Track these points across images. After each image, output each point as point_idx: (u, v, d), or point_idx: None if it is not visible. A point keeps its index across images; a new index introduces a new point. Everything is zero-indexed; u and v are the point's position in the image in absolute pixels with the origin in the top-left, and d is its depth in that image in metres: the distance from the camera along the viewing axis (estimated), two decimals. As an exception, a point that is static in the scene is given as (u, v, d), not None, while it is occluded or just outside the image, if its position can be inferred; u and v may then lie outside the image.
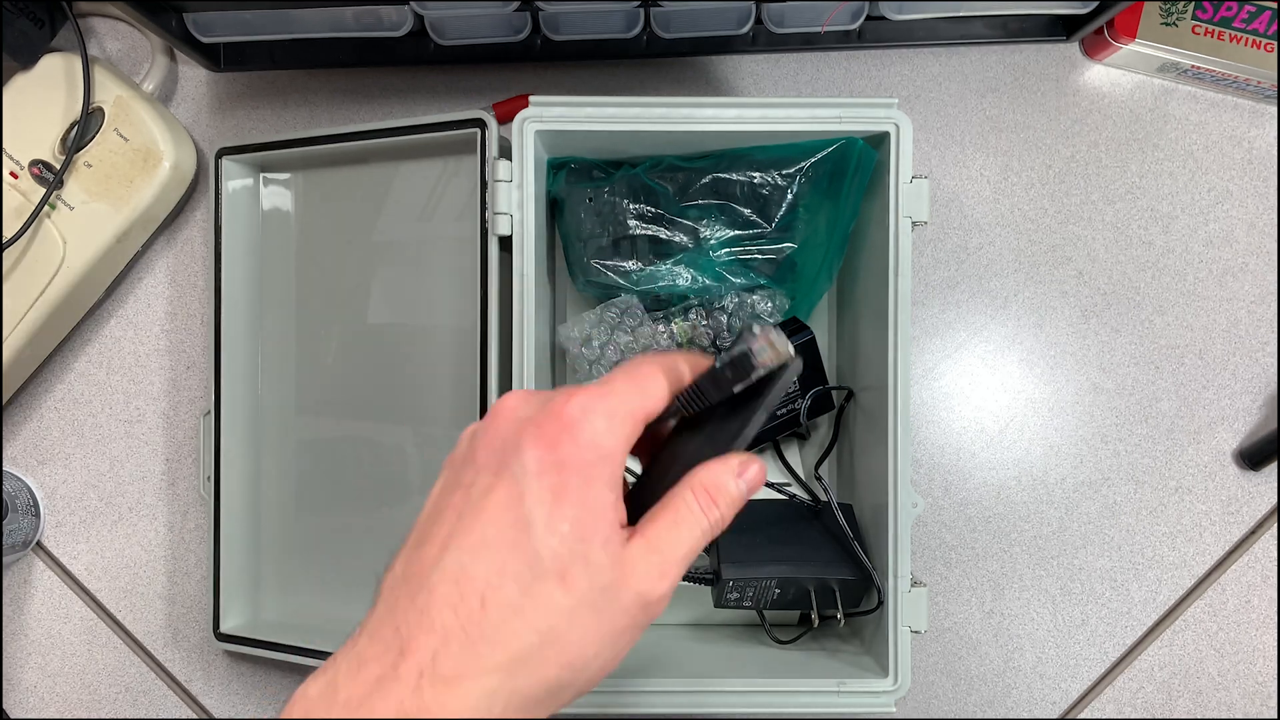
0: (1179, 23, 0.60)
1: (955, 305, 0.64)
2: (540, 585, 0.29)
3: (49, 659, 0.65)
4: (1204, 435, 0.63)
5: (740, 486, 0.33)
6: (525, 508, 0.30)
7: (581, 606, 0.29)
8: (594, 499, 0.30)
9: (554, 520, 0.30)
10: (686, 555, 0.32)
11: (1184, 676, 0.63)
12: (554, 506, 0.30)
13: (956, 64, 0.64)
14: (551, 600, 0.29)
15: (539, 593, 0.29)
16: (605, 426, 0.31)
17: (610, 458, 0.31)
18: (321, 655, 0.58)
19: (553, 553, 0.29)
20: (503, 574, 0.29)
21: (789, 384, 0.34)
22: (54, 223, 0.59)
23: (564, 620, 0.29)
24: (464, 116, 0.53)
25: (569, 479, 0.30)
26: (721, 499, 0.33)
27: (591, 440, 0.31)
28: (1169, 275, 0.63)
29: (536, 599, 0.29)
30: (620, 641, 0.31)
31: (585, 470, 0.30)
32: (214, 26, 0.57)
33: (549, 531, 0.29)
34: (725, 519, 0.33)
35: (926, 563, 0.63)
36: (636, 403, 0.32)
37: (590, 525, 0.30)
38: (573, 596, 0.29)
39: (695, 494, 0.32)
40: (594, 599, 0.30)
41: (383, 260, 0.60)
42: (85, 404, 0.65)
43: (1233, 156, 0.63)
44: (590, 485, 0.30)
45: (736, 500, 0.33)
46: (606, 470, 0.31)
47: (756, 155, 0.55)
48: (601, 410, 0.31)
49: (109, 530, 0.65)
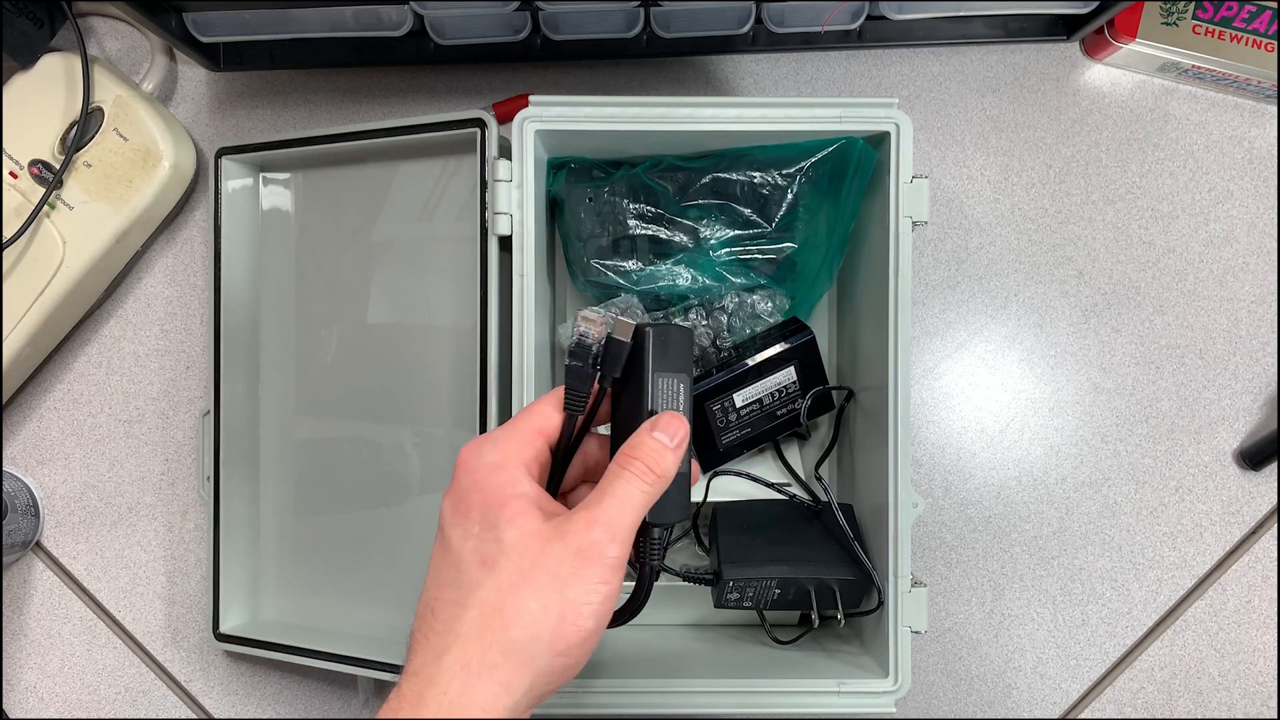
0: (1179, 22, 0.60)
1: (955, 305, 0.63)
2: (466, 576, 0.35)
3: (48, 659, 0.65)
4: (1204, 435, 0.63)
5: (656, 439, 0.38)
6: (444, 533, 0.37)
7: (508, 576, 0.35)
8: (493, 498, 0.36)
9: (466, 530, 0.36)
10: (624, 508, 0.36)
11: (1184, 677, 0.63)
12: (461, 520, 0.37)
13: (957, 64, 0.64)
14: (477, 583, 0.35)
15: (467, 582, 0.35)
16: (490, 449, 0.38)
17: (501, 466, 0.37)
18: (321, 655, 0.58)
19: (470, 550, 0.36)
20: (441, 584, 0.36)
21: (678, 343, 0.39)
22: (53, 223, 0.59)
23: (494, 593, 0.35)
24: (464, 116, 0.53)
25: (469, 496, 0.37)
26: (641, 453, 0.37)
27: (478, 464, 0.37)
28: (1169, 275, 0.63)
29: (467, 588, 0.35)
30: (569, 592, 0.35)
31: (480, 484, 0.37)
32: (213, 26, 0.57)
33: (463, 537, 0.36)
34: (656, 468, 0.37)
35: (927, 563, 0.63)
36: (520, 425, 0.39)
37: (494, 516, 0.36)
38: (497, 573, 0.35)
39: (618, 461, 0.37)
40: (519, 565, 0.35)
41: (382, 260, 0.60)
42: (85, 404, 0.65)
43: (1233, 156, 0.63)
44: (486, 491, 0.37)
45: (658, 450, 0.38)
46: (501, 476, 0.37)
47: (756, 155, 0.55)
48: (484, 442, 0.38)
49: (108, 530, 0.65)
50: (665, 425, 0.38)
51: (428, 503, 0.59)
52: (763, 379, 0.57)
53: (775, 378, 0.57)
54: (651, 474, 0.37)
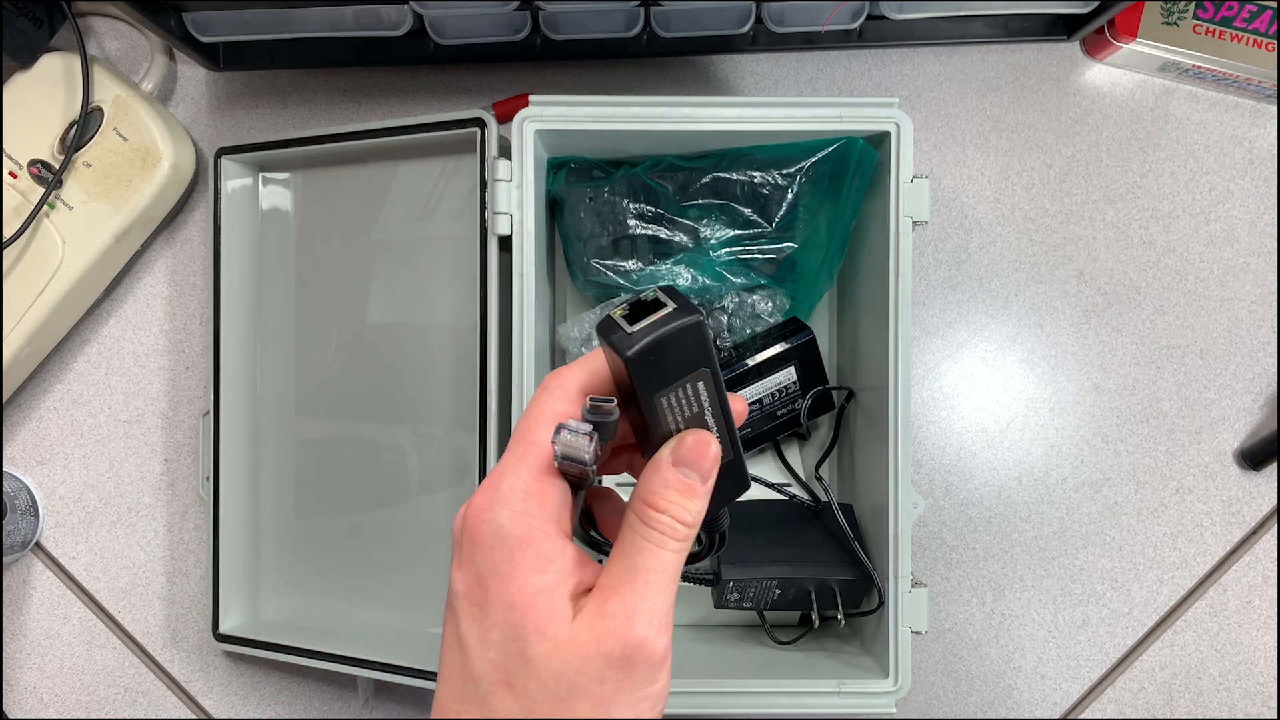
0: (1180, 22, 0.60)
1: (956, 305, 0.63)
2: (493, 700, 0.29)
3: (48, 659, 0.65)
4: (1205, 435, 0.63)
5: (679, 478, 0.31)
6: (460, 632, 0.30)
7: (539, 703, 0.29)
8: (518, 594, 0.29)
9: (485, 634, 0.30)
10: (660, 584, 0.30)
11: (1185, 677, 0.63)
12: (479, 616, 0.30)
13: (957, 63, 0.64)
14: (505, 709, 0.29)
15: (495, 707, 0.29)
16: (507, 517, 0.30)
17: (524, 542, 0.30)
18: (321, 656, 0.58)
19: (492, 665, 0.29)
20: (460, 696, 0.30)
21: (679, 348, 0.30)
22: (53, 222, 0.59)
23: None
24: (463, 116, 0.53)
25: (488, 587, 0.30)
26: (662, 502, 0.30)
27: (495, 539, 0.30)
28: (1170, 275, 0.63)
29: (493, 714, 0.29)
30: (615, 710, 0.29)
31: (499, 570, 0.30)
32: (213, 26, 0.57)
33: (483, 647, 0.30)
34: (685, 518, 0.30)
35: (927, 563, 0.63)
36: (530, 467, 0.31)
37: (521, 623, 0.29)
38: (526, 698, 0.29)
39: (640, 517, 0.30)
40: (554, 691, 0.29)
41: (382, 260, 0.60)
42: (84, 404, 0.65)
43: (1234, 156, 0.63)
44: (510, 582, 0.29)
45: (682, 494, 0.31)
46: (525, 557, 0.30)
47: (757, 155, 0.55)
48: (495, 503, 0.30)
49: (108, 531, 0.65)
50: (688, 455, 0.31)
51: (427, 503, 0.59)
52: (763, 379, 0.57)
53: (775, 378, 0.57)
54: (681, 529, 0.30)
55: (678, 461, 0.31)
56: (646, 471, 0.31)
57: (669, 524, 0.30)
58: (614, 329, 0.29)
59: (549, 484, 0.31)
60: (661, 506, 0.30)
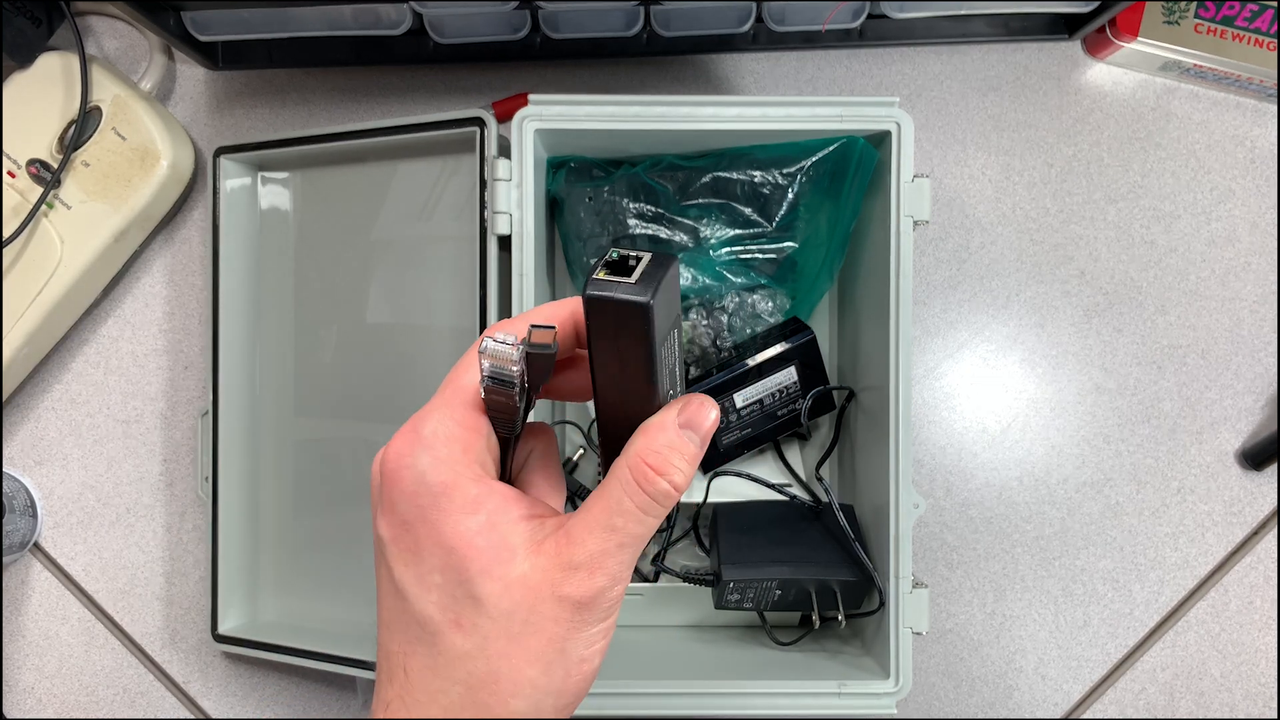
0: (1181, 21, 0.60)
1: (957, 305, 0.63)
2: (441, 641, 0.29)
3: (46, 660, 0.65)
4: (1206, 436, 0.63)
5: (685, 438, 0.30)
6: (395, 577, 0.30)
7: (496, 644, 0.29)
8: (453, 537, 0.29)
9: (424, 578, 0.29)
10: (625, 552, 0.29)
11: (1186, 678, 0.63)
12: (412, 561, 0.30)
13: (958, 62, 0.64)
14: (458, 651, 0.29)
15: (445, 649, 0.29)
16: (429, 463, 0.30)
17: (449, 488, 0.29)
18: (320, 657, 0.57)
19: (436, 607, 0.29)
20: (405, 639, 0.30)
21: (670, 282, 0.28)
22: (51, 222, 0.59)
23: (481, 660, 0.29)
24: (463, 115, 0.53)
25: (417, 532, 0.29)
26: (662, 464, 0.29)
27: (418, 485, 0.29)
28: (1171, 275, 0.63)
29: (446, 655, 0.29)
30: (569, 646, 0.29)
31: (427, 517, 0.29)
32: (212, 25, 0.57)
33: (423, 589, 0.29)
34: (681, 480, 0.30)
35: (928, 564, 0.63)
36: (457, 407, 0.30)
37: (462, 565, 0.29)
38: (478, 635, 0.29)
39: (633, 475, 0.29)
40: (506, 628, 0.29)
41: (381, 260, 0.60)
42: (83, 404, 0.65)
43: (1235, 156, 0.63)
44: (441, 527, 0.29)
45: (689, 454, 0.30)
46: (452, 502, 0.29)
47: (757, 154, 0.55)
48: (415, 448, 0.30)
49: (106, 531, 0.65)
50: (694, 416, 0.30)
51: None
52: (763, 379, 0.57)
53: (776, 378, 0.57)
54: (675, 495, 0.30)
55: (684, 424, 0.30)
56: (649, 430, 0.30)
57: (665, 490, 0.29)
58: (612, 285, 0.27)
59: (473, 429, 0.30)
60: (664, 469, 0.29)
